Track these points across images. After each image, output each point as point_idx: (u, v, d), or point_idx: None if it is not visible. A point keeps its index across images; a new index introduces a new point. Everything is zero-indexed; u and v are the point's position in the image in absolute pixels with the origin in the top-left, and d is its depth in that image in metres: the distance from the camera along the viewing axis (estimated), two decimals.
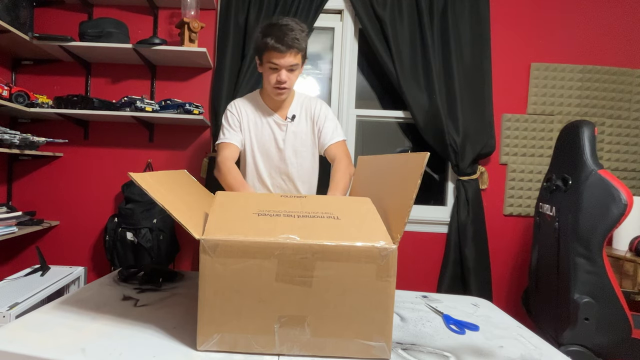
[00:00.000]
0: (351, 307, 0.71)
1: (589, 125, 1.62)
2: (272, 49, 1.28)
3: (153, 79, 2.36)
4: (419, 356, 0.74)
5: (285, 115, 1.50)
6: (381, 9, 2.25)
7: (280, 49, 1.28)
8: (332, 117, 1.53)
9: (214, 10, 2.36)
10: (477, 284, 2.25)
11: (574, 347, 1.57)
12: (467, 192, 2.29)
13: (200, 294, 0.69)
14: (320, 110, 1.51)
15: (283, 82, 1.35)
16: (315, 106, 1.52)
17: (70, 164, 2.37)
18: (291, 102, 1.51)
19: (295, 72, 1.37)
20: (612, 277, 1.57)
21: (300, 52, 1.33)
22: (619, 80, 2.38)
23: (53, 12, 2.33)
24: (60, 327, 0.78)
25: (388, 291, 0.71)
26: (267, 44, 1.29)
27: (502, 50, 2.38)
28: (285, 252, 0.69)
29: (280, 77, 1.34)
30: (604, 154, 2.39)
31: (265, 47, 1.30)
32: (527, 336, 0.88)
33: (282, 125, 1.50)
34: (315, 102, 1.54)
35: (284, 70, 1.33)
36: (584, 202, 1.56)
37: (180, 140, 2.38)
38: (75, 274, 1.91)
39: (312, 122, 1.52)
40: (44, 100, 2.13)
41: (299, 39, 1.29)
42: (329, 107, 1.56)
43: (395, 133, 2.56)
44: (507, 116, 2.39)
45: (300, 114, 1.51)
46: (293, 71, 1.36)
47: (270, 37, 1.28)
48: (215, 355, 0.69)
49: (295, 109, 1.51)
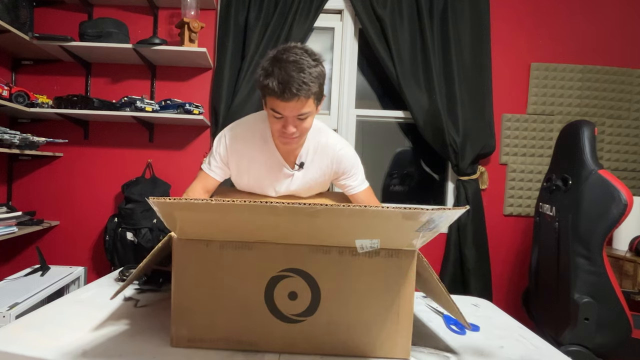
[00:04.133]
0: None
1: (589, 125, 1.62)
2: (274, 94, 0.97)
3: (153, 79, 2.36)
4: (419, 356, 0.74)
5: (293, 161, 1.21)
6: (381, 9, 2.25)
7: (283, 96, 0.96)
8: (357, 165, 1.26)
9: (214, 10, 2.35)
10: (477, 284, 2.25)
11: (574, 347, 1.57)
12: (467, 192, 2.29)
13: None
14: (342, 159, 1.22)
15: (290, 134, 1.05)
16: (338, 154, 1.22)
17: (70, 164, 2.37)
18: (302, 143, 1.18)
19: (307, 119, 1.05)
20: (612, 277, 1.57)
21: (310, 98, 1.00)
22: (619, 80, 2.38)
23: (53, 12, 2.33)
24: (60, 327, 0.78)
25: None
26: (267, 87, 0.98)
27: (502, 50, 2.38)
28: None
29: (287, 129, 1.03)
30: (604, 154, 2.39)
31: (265, 90, 0.99)
32: (527, 336, 0.88)
33: (288, 174, 1.22)
34: (338, 149, 1.22)
35: (291, 120, 1.02)
36: (584, 202, 1.56)
37: (180, 140, 2.38)
38: (75, 274, 1.91)
39: (331, 171, 1.24)
40: (44, 100, 2.13)
41: (308, 82, 0.96)
42: (354, 151, 1.28)
43: (395, 133, 2.56)
44: (507, 116, 2.39)
45: (312, 163, 1.21)
46: (304, 119, 1.04)
47: (272, 79, 0.96)
48: (215, 355, 0.69)
49: (307, 153, 1.20)
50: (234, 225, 0.66)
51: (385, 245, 0.69)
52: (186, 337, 0.71)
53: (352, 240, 0.68)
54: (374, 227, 0.66)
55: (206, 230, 0.69)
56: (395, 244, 0.70)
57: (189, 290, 0.71)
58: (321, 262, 0.70)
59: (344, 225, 0.65)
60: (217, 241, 0.70)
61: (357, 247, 0.69)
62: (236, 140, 1.20)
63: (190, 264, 0.71)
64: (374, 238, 0.67)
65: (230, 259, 0.70)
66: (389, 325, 0.71)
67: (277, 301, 0.71)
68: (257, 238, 0.70)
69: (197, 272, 0.71)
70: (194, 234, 0.70)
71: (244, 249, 0.70)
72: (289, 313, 0.71)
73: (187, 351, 0.70)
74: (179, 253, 0.71)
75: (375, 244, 0.68)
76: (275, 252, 0.70)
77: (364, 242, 0.68)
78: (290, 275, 0.70)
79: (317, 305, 0.71)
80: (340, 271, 0.71)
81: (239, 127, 1.22)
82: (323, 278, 0.71)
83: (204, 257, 0.71)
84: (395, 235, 0.67)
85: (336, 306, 0.71)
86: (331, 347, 0.71)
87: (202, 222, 0.66)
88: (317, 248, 0.70)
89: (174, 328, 0.71)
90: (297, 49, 1.00)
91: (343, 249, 0.70)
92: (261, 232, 0.68)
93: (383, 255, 0.71)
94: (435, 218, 0.61)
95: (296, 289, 0.71)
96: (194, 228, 0.69)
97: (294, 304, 0.71)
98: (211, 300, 0.71)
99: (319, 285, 0.71)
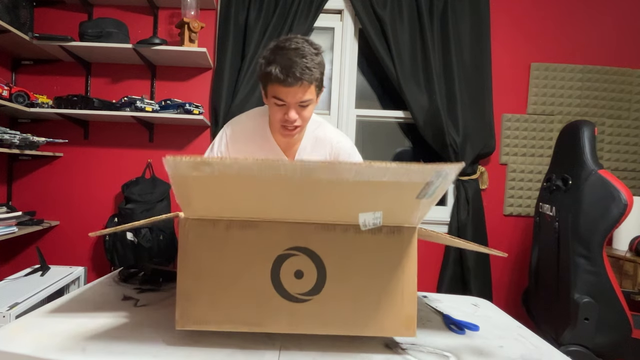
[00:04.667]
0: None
1: (589, 125, 1.62)
2: (277, 80, 0.99)
3: (153, 79, 2.36)
4: (419, 356, 0.74)
5: (293, 154, 1.23)
6: (381, 9, 2.25)
7: (286, 81, 0.98)
8: (356, 157, 1.26)
9: (214, 10, 2.36)
10: (477, 284, 2.25)
11: (574, 347, 1.57)
12: (467, 192, 2.29)
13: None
14: (340, 151, 1.23)
15: (292, 122, 1.06)
16: (336, 147, 1.23)
17: (70, 164, 2.37)
18: (301, 137, 1.21)
19: (308, 107, 1.08)
20: (612, 277, 1.57)
21: (313, 84, 1.03)
22: (619, 80, 2.38)
23: (53, 12, 2.33)
24: (60, 327, 0.78)
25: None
26: (270, 74, 1.00)
27: (502, 50, 2.38)
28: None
29: (289, 117, 1.05)
30: (604, 154, 2.39)
31: (268, 77, 1.01)
32: (527, 336, 0.88)
33: None
34: (336, 142, 1.23)
35: (293, 107, 1.04)
36: (584, 202, 1.56)
37: (180, 140, 2.38)
38: (75, 274, 1.91)
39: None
40: (44, 100, 2.13)
41: (310, 67, 0.99)
42: (352, 143, 1.27)
43: (395, 133, 2.56)
44: (507, 116, 2.39)
45: (311, 156, 1.23)
46: (305, 107, 1.06)
47: (275, 66, 0.99)
48: (215, 354, 0.69)
49: (305, 149, 1.22)
50: (243, 190, 0.65)
51: (387, 221, 0.70)
52: (192, 319, 0.70)
53: (355, 212, 0.68)
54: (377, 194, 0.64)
55: (215, 200, 0.67)
56: (398, 217, 0.70)
57: (195, 271, 0.70)
58: (326, 239, 0.71)
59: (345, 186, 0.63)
60: (223, 220, 0.70)
61: (360, 224, 0.69)
62: (237, 137, 1.21)
63: (197, 244, 0.70)
64: (376, 210, 0.67)
65: (236, 239, 0.70)
66: (393, 303, 0.72)
67: (284, 280, 0.70)
68: (263, 212, 0.69)
69: (203, 253, 0.71)
70: (202, 208, 0.69)
71: (250, 227, 0.70)
72: (295, 292, 0.70)
73: (188, 351, 0.70)
74: (185, 233, 0.70)
75: (377, 219, 0.68)
76: (280, 230, 0.70)
77: (367, 216, 0.68)
78: (296, 254, 0.70)
79: (323, 284, 0.71)
80: (345, 249, 0.71)
81: (239, 124, 1.24)
82: (328, 256, 0.71)
83: (210, 237, 0.70)
84: (397, 204, 0.67)
85: (341, 285, 0.71)
86: (337, 326, 0.71)
87: (213, 187, 0.64)
88: (322, 226, 0.71)
89: (180, 310, 0.70)
90: (298, 38, 1.03)
91: (347, 227, 0.70)
92: (268, 201, 0.67)
93: (385, 232, 0.71)
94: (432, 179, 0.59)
95: (302, 267, 0.70)
96: (203, 198, 0.67)
97: (300, 283, 0.70)
98: (217, 281, 0.70)
99: (324, 264, 0.71)
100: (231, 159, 0.58)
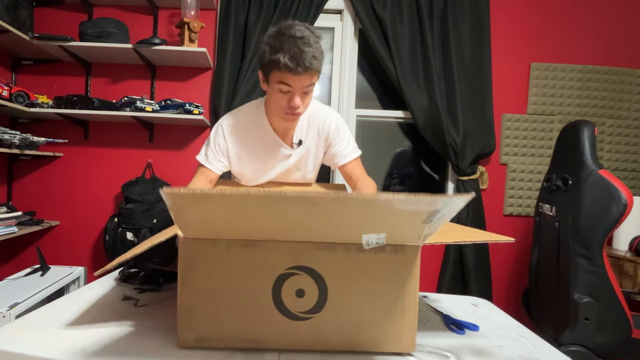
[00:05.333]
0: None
1: (589, 125, 1.62)
2: (285, 68, 1.01)
3: (153, 79, 2.36)
4: (419, 356, 0.74)
5: (291, 140, 1.26)
6: (381, 9, 2.26)
7: (296, 70, 1.01)
8: (344, 130, 1.30)
9: (214, 10, 2.36)
10: (477, 284, 2.25)
11: (574, 347, 1.57)
12: (467, 192, 2.29)
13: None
14: (331, 126, 1.27)
15: (296, 108, 1.10)
16: (325, 121, 1.27)
17: (70, 164, 2.37)
18: (296, 123, 1.24)
19: (309, 93, 1.12)
20: (612, 277, 1.57)
21: (317, 72, 1.07)
22: (619, 80, 2.38)
23: (53, 12, 2.33)
24: (60, 327, 0.78)
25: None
26: (278, 62, 1.01)
27: (502, 50, 2.38)
28: None
29: (294, 102, 1.08)
30: (604, 154, 2.39)
31: (275, 65, 1.03)
32: (527, 336, 0.88)
33: (288, 154, 1.26)
34: (325, 116, 1.27)
35: (298, 94, 1.08)
36: (584, 202, 1.56)
37: (180, 140, 2.38)
38: (75, 274, 1.91)
39: (322, 139, 1.29)
40: (44, 100, 2.13)
41: (317, 56, 1.03)
42: (340, 117, 1.31)
43: (395, 133, 2.56)
44: (507, 116, 2.39)
45: (309, 133, 1.26)
46: (307, 93, 1.11)
47: (283, 54, 1.00)
48: (215, 353, 0.69)
49: (302, 129, 1.26)
50: (245, 217, 0.65)
51: (391, 240, 0.69)
52: (193, 338, 0.71)
53: (359, 234, 0.68)
54: (382, 220, 0.65)
55: (215, 225, 0.68)
56: (402, 237, 0.69)
57: (196, 290, 0.70)
58: (328, 259, 0.70)
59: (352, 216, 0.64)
60: (224, 240, 0.70)
61: (363, 243, 0.69)
62: (234, 129, 1.23)
63: (197, 263, 0.70)
64: (381, 232, 0.67)
65: (237, 258, 0.70)
66: (394, 320, 0.72)
67: (285, 299, 0.70)
68: (264, 234, 0.69)
69: (203, 272, 0.70)
70: (202, 231, 0.69)
71: (251, 247, 0.70)
72: (297, 311, 0.71)
73: (188, 350, 0.70)
74: (185, 252, 0.70)
75: (381, 240, 0.68)
76: (282, 250, 0.70)
77: (370, 237, 0.68)
78: (298, 273, 0.70)
79: (324, 302, 0.71)
80: (347, 267, 0.70)
81: (235, 117, 1.25)
82: (330, 275, 0.71)
83: (211, 256, 0.70)
84: (403, 228, 0.67)
85: (343, 303, 0.71)
86: (337, 343, 0.71)
87: (213, 215, 0.65)
88: (324, 245, 0.70)
89: (181, 329, 0.71)
90: (300, 25, 1.04)
91: (349, 246, 0.70)
92: (270, 226, 0.67)
93: (388, 251, 0.71)
94: (440, 207, 0.59)
95: (303, 286, 0.70)
96: (203, 224, 0.67)
97: (301, 302, 0.71)
98: (218, 300, 0.70)
99: (326, 282, 0.70)
100: (231, 190, 0.55)
